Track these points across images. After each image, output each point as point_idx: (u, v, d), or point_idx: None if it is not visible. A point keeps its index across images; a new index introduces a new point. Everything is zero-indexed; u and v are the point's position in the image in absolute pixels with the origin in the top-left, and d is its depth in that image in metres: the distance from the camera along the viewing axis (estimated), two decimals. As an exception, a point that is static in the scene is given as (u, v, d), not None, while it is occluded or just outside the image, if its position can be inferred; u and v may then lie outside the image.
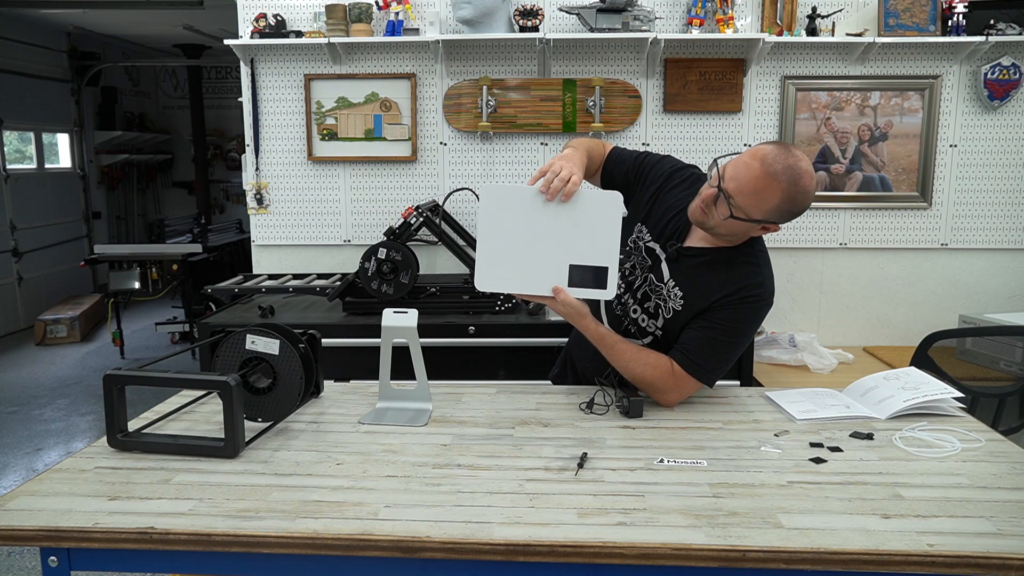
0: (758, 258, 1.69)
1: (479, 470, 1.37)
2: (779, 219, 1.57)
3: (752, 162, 1.53)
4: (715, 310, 1.65)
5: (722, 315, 1.65)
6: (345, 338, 2.75)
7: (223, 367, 1.56)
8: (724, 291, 1.65)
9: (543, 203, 1.57)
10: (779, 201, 1.52)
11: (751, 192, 1.52)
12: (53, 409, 4.66)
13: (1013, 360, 2.86)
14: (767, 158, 1.51)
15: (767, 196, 1.52)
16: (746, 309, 1.65)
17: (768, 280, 1.67)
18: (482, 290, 1.60)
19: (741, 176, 1.53)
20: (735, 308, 1.64)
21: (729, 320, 1.65)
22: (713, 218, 1.59)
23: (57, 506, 1.24)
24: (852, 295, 3.46)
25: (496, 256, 1.57)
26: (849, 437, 1.53)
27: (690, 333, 1.68)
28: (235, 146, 9.00)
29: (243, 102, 3.40)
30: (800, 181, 1.52)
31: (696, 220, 1.65)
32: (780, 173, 1.50)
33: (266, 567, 1.20)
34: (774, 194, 1.52)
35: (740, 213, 1.54)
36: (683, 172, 1.81)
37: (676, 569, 1.14)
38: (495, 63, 3.32)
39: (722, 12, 3.16)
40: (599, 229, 1.59)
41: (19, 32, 6.61)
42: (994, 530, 1.15)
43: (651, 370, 1.65)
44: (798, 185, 1.52)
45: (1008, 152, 3.33)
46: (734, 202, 1.54)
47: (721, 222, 1.58)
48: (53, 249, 7.08)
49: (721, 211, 1.56)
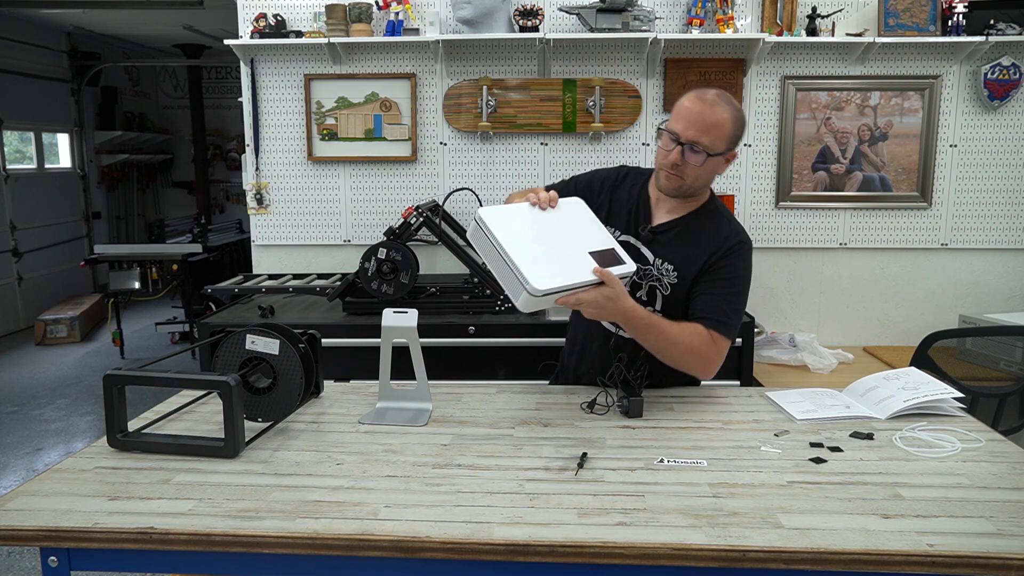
0: (722, 212, 1.83)
1: (479, 470, 1.37)
2: (735, 144, 1.73)
3: (694, 106, 1.67)
4: (712, 270, 1.74)
5: (720, 272, 1.74)
6: (345, 338, 2.75)
7: (223, 367, 1.56)
8: (710, 249, 1.74)
9: (537, 214, 1.65)
10: (731, 126, 1.68)
11: (710, 127, 1.66)
12: (53, 409, 4.66)
13: (1013, 360, 2.86)
14: (704, 97, 1.67)
15: (722, 124, 1.67)
16: (738, 259, 1.76)
17: (740, 227, 1.82)
18: (542, 291, 1.50)
19: (694, 121, 1.66)
20: (728, 261, 1.74)
21: (729, 273, 1.74)
22: (688, 173, 1.70)
23: (57, 506, 1.24)
24: (852, 295, 3.46)
25: (535, 258, 1.56)
26: (849, 437, 1.53)
27: (702, 299, 1.73)
28: (235, 146, 9.00)
29: (243, 102, 3.40)
30: (733, 102, 1.71)
31: (671, 189, 1.75)
32: (719, 102, 1.67)
33: (266, 567, 1.20)
34: (726, 121, 1.67)
35: (712, 150, 1.67)
36: (620, 171, 1.92)
37: (676, 569, 1.14)
38: (495, 63, 3.32)
39: (722, 12, 3.16)
40: (584, 224, 1.70)
41: (19, 32, 6.61)
42: (994, 530, 1.15)
43: (697, 339, 1.68)
44: (734, 105, 1.70)
45: (1008, 152, 3.33)
46: (701, 144, 1.66)
47: (697, 170, 1.69)
48: (53, 249, 7.08)
49: (694, 160, 1.67)
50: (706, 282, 1.74)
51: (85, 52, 7.51)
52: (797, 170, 3.36)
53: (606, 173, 1.92)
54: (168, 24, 6.75)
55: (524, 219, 1.63)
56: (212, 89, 9.01)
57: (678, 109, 1.69)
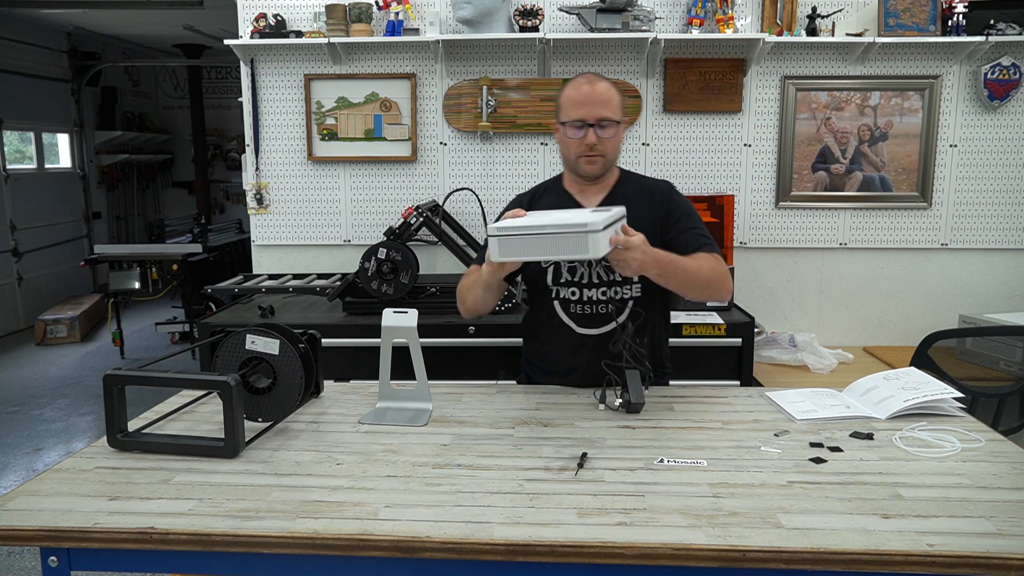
0: (635, 174, 1.99)
1: (479, 470, 1.37)
2: (624, 110, 1.88)
3: (582, 89, 1.81)
4: (671, 217, 1.86)
5: (677, 212, 1.87)
6: (345, 338, 2.75)
7: (223, 367, 1.56)
8: (654, 204, 1.87)
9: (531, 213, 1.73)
10: (617, 94, 1.83)
11: (605, 100, 1.80)
12: (53, 409, 4.66)
13: (1013, 360, 2.86)
14: (583, 81, 1.81)
15: (612, 95, 1.82)
16: (679, 196, 1.93)
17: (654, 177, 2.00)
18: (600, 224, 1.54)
19: (590, 101, 1.79)
20: (675, 201, 1.90)
21: (684, 209, 1.89)
22: (606, 149, 1.82)
23: (57, 506, 1.24)
24: (852, 295, 3.46)
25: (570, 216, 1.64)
26: (849, 437, 1.53)
27: (684, 237, 1.84)
28: (235, 146, 9.00)
29: (243, 102, 3.40)
30: (601, 74, 1.87)
31: (594, 172, 1.85)
32: (597, 79, 1.82)
33: (266, 567, 1.20)
34: (612, 91, 1.82)
35: (617, 118, 1.81)
36: (530, 193, 2.03)
37: (676, 569, 1.14)
38: (495, 63, 3.32)
39: (722, 12, 3.16)
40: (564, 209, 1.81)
41: (19, 32, 6.61)
42: (994, 530, 1.15)
43: (709, 261, 1.79)
44: (605, 77, 1.86)
45: (1008, 152, 3.33)
46: (607, 118, 1.79)
47: (611, 142, 1.82)
48: (53, 249, 7.07)
49: (607, 134, 1.80)
50: (674, 226, 1.86)
51: (85, 52, 7.51)
52: (797, 170, 3.36)
53: (519, 199, 2.01)
54: (168, 24, 6.75)
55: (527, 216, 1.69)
56: (212, 89, 9.01)
57: (568, 99, 1.82)
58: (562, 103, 1.85)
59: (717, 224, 3.10)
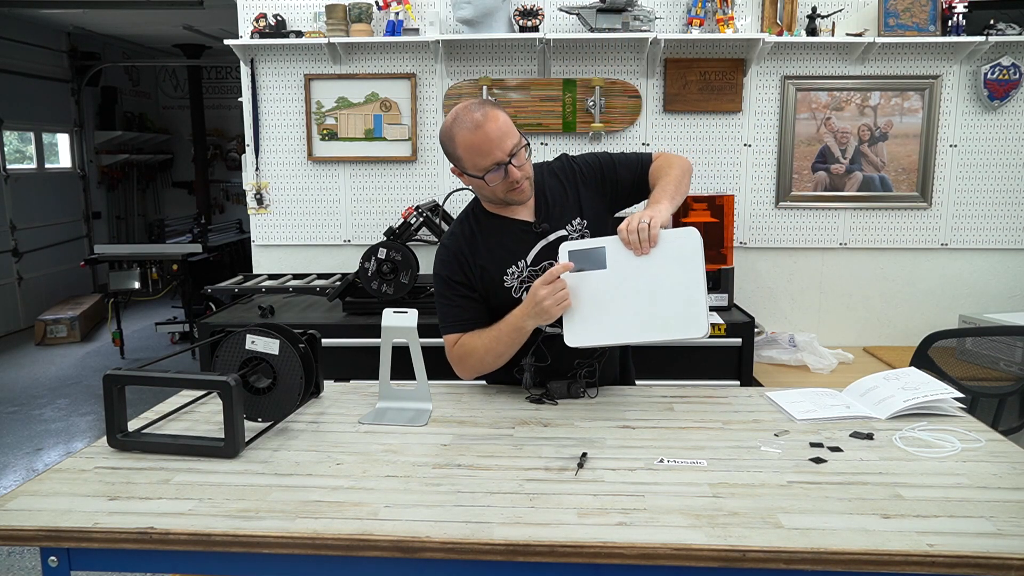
0: (538, 164, 1.92)
1: (479, 470, 1.37)
2: None
3: (479, 131, 1.68)
4: (602, 177, 1.86)
5: (596, 169, 1.86)
6: (345, 338, 2.75)
7: (223, 367, 1.56)
8: (575, 178, 1.84)
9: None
10: (500, 111, 1.73)
11: (505, 132, 1.69)
12: (53, 409, 4.66)
13: (1013, 360, 2.86)
14: (472, 120, 1.69)
15: (504, 121, 1.71)
16: (578, 160, 1.90)
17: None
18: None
19: (493, 140, 1.68)
20: (586, 162, 1.88)
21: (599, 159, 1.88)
22: (528, 171, 1.75)
23: (57, 506, 1.24)
24: (852, 295, 3.46)
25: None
26: (849, 437, 1.53)
27: (627, 170, 1.86)
28: (235, 146, 8.99)
29: (243, 102, 3.40)
30: (471, 100, 1.80)
31: (527, 197, 1.78)
32: (483, 109, 1.70)
33: (266, 567, 1.20)
34: (501, 117, 1.71)
35: (520, 134, 1.74)
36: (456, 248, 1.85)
37: (676, 569, 1.14)
38: (495, 63, 3.32)
39: (722, 12, 3.16)
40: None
41: (19, 32, 6.61)
42: (994, 530, 1.15)
43: (670, 160, 1.84)
44: (486, 102, 1.76)
45: (1008, 152, 3.33)
46: (516, 145, 1.71)
47: (528, 165, 1.76)
48: (53, 249, 7.07)
49: (522, 158, 1.73)
50: (611, 175, 1.86)
51: (85, 52, 7.51)
52: (797, 170, 3.36)
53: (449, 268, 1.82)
54: (168, 24, 6.75)
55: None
56: (212, 89, 9.01)
57: (469, 149, 1.69)
58: (462, 154, 1.71)
59: (717, 224, 3.10)
